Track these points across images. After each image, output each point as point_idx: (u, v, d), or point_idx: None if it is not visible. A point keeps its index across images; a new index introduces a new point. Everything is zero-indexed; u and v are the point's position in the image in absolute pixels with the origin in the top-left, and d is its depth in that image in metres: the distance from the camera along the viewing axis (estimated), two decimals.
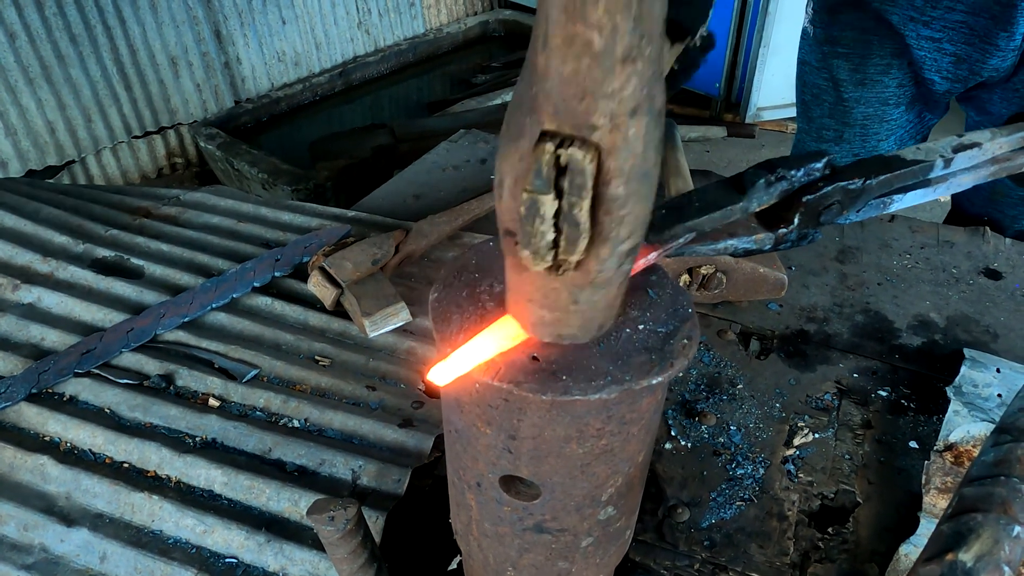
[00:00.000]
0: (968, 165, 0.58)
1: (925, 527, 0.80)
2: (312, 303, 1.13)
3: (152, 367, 0.99)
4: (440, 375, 0.46)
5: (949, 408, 0.94)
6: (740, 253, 0.53)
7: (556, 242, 0.38)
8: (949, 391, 0.97)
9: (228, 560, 0.79)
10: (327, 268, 1.08)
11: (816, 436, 0.97)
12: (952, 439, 0.90)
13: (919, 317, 1.18)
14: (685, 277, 1.12)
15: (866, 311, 1.19)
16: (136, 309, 1.08)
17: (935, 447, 0.89)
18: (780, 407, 1.01)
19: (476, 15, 4.79)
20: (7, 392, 0.93)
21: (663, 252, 0.50)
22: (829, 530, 0.86)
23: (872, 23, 1.32)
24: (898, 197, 0.57)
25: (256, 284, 1.12)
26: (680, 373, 0.59)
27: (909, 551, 0.78)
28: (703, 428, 0.98)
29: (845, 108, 1.44)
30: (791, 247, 0.55)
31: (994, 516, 0.42)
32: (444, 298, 0.51)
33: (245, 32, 3.58)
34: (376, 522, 0.79)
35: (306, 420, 0.93)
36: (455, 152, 1.68)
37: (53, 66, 2.95)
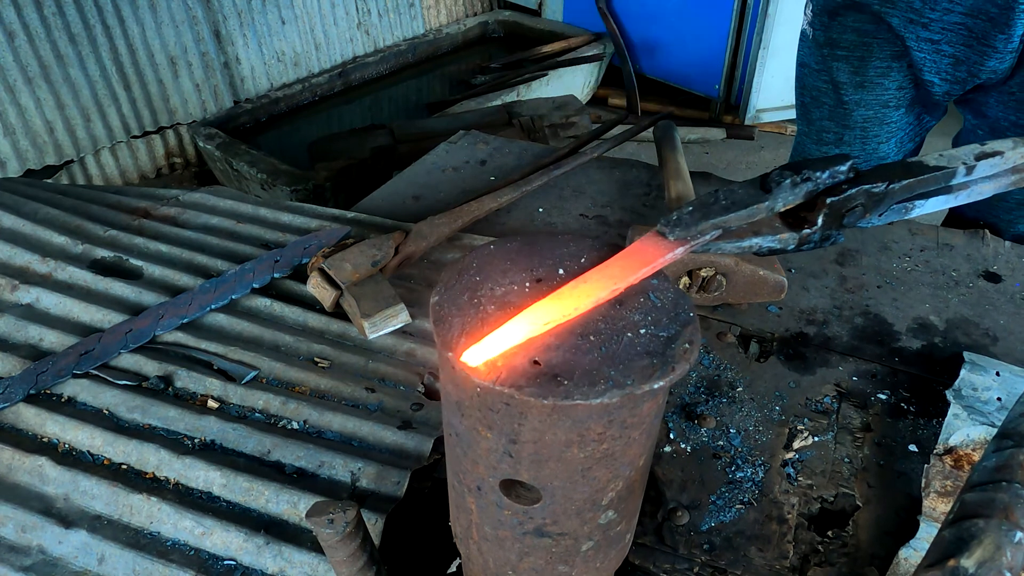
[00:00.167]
0: (989, 173, 0.58)
1: (925, 531, 0.80)
2: (311, 304, 1.13)
3: (151, 368, 0.99)
4: (474, 356, 0.46)
5: (949, 411, 0.94)
6: (764, 252, 0.54)
7: None
8: (949, 394, 0.97)
9: (227, 562, 0.79)
10: (326, 269, 1.07)
11: (816, 439, 0.97)
12: (952, 442, 0.90)
13: (919, 320, 1.18)
14: (685, 280, 1.12)
15: (866, 314, 1.19)
16: (135, 310, 1.08)
17: (935, 450, 0.89)
18: (780, 410, 1.01)
19: (475, 16, 4.78)
20: (5, 393, 0.93)
21: (690, 248, 0.50)
22: (829, 533, 0.86)
23: (872, 26, 1.33)
24: (919, 202, 0.57)
25: (255, 285, 1.12)
26: (682, 377, 0.58)
27: (909, 555, 0.78)
28: (703, 431, 0.98)
29: (845, 110, 1.44)
30: (813, 248, 0.56)
31: (996, 522, 0.42)
32: (445, 301, 0.51)
33: (244, 32, 3.58)
34: (375, 524, 0.79)
35: (305, 422, 0.93)
36: (455, 153, 1.68)
37: (52, 65, 2.94)
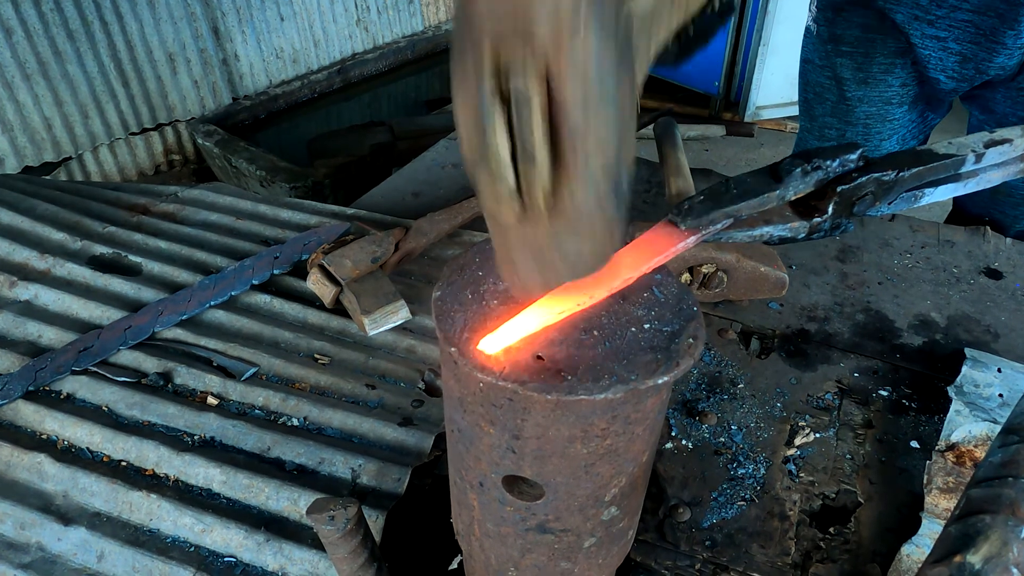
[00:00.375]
0: (999, 161, 0.59)
1: (927, 527, 0.80)
2: (311, 301, 1.13)
3: (150, 365, 0.98)
4: (491, 344, 0.46)
5: (950, 408, 0.94)
6: (775, 241, 0.55)
7: (519, 185, 0.35)
8: (950, 391, 0.97)
9: (227, 559, 0.79)
10: (326, 266, 1.07)
11: (817, 436, 0.97)
12: (954, 439, 0.90)
13: (920, 316, 1.18)
14: (686, 276, 1.12)
15: (867, 310, 1.19)
16: (134, 306, 1.08)
17: (936, 447, 0.89)
18: (781, 406, 1.01)
19: None
20: (4, 390, 0.92)
21: (701, 237, 0.50)
22: (831, 530, 0.86)
23: (876, 22, 1.32)
24: (929, 190, 0.58)
25: (255, 282, 1.12)
26: (685, 373, 0.58)
27: (911, 551, 0.78)
28: (704, 428, 0.97)
29: (848, 107, 1.44)
30: (824, 236, 0.56)
31: (1002, 518, 0.42)
32: (447, 296, 0.50)
33: (243, 29, 3.57)
34: (376, 521, 0.78)
35: (305, 418, 0.92)
36: (454, 150, 1.67)
37: (50, 62, 2.93)
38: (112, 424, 0.90)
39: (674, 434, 0.96)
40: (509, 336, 0.46)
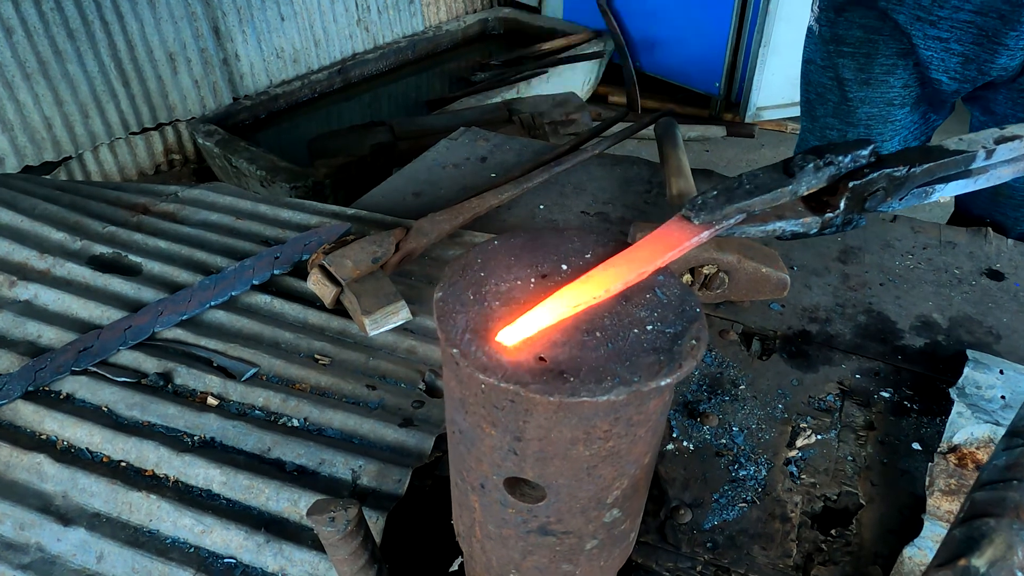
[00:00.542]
0: (1009, 157, 0.59)
1: (929, 529, 0.80)
2: (312, 301, 1.12)
3: (150, 365, 0.98)
4: (509, 336, 0.46)
5: (952, 410, 0.93)
6: (787, 236, 0.55)
7: None
8: (952, 392, 0.96)
9: (227, 560, 0.78)
10: (327, 266, 1.07)
11: (819, 437, 0.96)
12: (956, 441, 0.89)
13: (922, 318, 1.18)
14: (688, 277, 1.12)
15: (868, 312, 1.19)
16: (134, 306, 1.07)
17: (938, 449, 0.89)
18: (782, 408, 1.01)
19: (475, 13, 4.77)
20: (3, 390, 0.92)
21: (715, 231, 0.50)
22: (832, 532, 0.85)
23: (878, 22, 1.32)
24: (940, 186, 0.58)
25: (255, 282, 1.12)
26: (688, 374, 0.58)
27: (913, 554, 0.78)
28: (705, 429, 0.97)
29: (849, 108, 1.44)
30: (836, 232, 0.56)
31: (1007, 521, 0.42)
32: (449, 296, 0.50)
33: (244, 28, 3.56)
34: (376, 523, 0.78)
35: (305, 419, 0.92)
36: (455, 150, 1.67)
37: (50, 61, 2.93)
38: (112, 424, 0.90)
39: (675, 435, 0.96)
40: (527, 328, 0.46)
